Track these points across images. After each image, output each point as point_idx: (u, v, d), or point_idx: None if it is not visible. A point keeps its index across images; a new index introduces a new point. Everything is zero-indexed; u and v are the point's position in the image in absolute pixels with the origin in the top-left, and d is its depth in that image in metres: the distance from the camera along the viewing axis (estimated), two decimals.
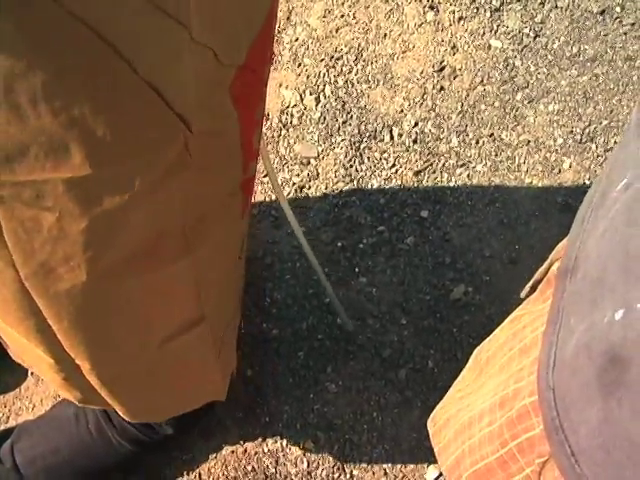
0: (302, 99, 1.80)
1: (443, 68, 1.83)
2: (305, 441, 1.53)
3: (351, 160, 1.74)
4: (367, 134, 1.76)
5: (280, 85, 1.82)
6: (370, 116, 1.78)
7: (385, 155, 1.74)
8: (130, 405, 1.17)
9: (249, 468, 1.52)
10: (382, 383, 1.56)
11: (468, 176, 1.73)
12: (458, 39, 1.87)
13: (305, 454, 1.52)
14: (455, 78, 1.83)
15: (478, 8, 1.90)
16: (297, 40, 1.87)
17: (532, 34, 1.87)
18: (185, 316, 0.99)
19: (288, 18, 1.90)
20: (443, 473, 0.84)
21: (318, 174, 1.73)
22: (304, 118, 1.79)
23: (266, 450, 1.53)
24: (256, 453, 1.53)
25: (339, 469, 1.51)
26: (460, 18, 1.89)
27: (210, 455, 1.53)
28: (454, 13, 1.89)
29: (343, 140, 1.76)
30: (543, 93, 1.81)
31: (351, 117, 1.78)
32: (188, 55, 0.61)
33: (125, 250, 0.75)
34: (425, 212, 1.69)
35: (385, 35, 1.87)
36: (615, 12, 1.89)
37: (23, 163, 0.60)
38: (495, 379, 0.77)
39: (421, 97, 1.81)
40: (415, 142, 1.76)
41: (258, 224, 1.68)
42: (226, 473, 1.51)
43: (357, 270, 1.64)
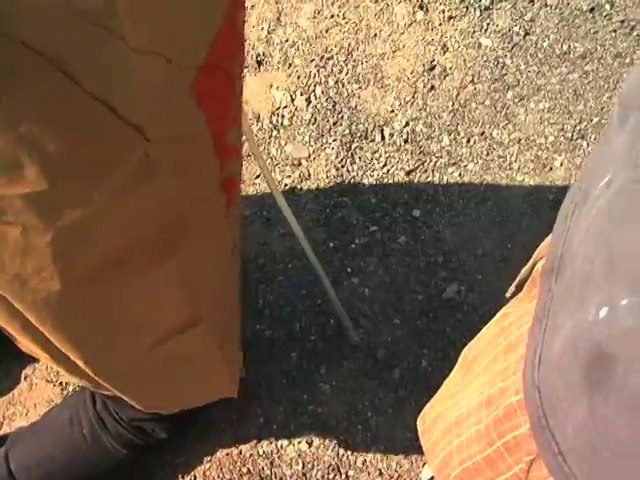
0: (293, 100, 1.80)
1: (433, 67, 1.83)
2: (300, 442, 1.53)
3: (342, 160, 1.74)
4: (358, 134, 1.76)
5: (271, 86, 1.82)
6: (361, 116, 1.78)
7: (376, 155, 1.74)
8: (135, 396, 1.17)
9: (244, 470, 1.51)
10: (376, 383, 1.56)
11: (460, 175, 1.73)
12: (448, 38, 1.87)
13: (300, 455, 1.52)
14: (445, 77, 1.83)
15: (468, 7, 1.90)
16: (287, 41, 1.87)
17: (522, 32, 1.87)
18: (177, 319, 0.98)
19: (278, 19, 1.90)
20: (432, 472, 0.84)
21: (309, 175, 1.73)
22: (295, 119, 1.78)
23: (261, 452, 1.53)
24: (251, 455, 1.53)
25: (334, 470, 1.51)
26: (450, 17, 1.89)
27: (205, 458, 1.52)
28: (444, 12, 1.89)
29: (334, 140, 1.76)
30: (534, 91, 1.81)
31: (342, 117, 1.78)
32: (133, 65, 0.61)
33: (99, 258, 0.75)
34: (417, 211, 1.69)
35: (375, 35, 1.87)
36: (605, 10, 1.89)
37: None
38: (481, 377, 0.77)
39: (412, 96, 1.81)
40: (406, 142, 1.76)
41: (250, 225, 1.68)
42: (221, 475, 1.51)
43: (349, 270, 1.64)
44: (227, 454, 1.53)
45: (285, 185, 1.72)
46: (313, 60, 1.84)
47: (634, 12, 1.89)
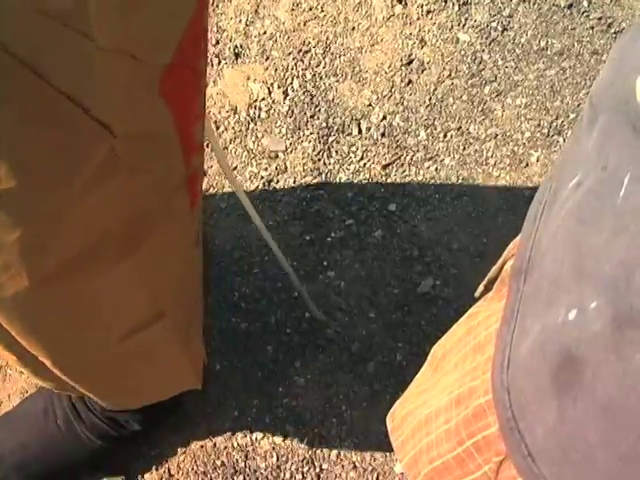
0: (270, 92, 1.80)
1: (411, 61, 1.84)
2: (274, 435, 1.54)
3: (319, 154, 1.74)
4: (335, 127, 1.76)
5: (248, 78, 1.82)
6: (338, 109, 1.78)
7: (353, 149, 1.74)
8: (102, 394, 1.17)
9: (218, 463, 1.52)
10: (351, 377, 1.57)
11: (436, 169, 1.73)
12: (426, 33, 1.87)
13: (274, 448, 1.53)
14: (423, 72, 1.83)
15: (446, 2, 1.90)
16: (265, 33, 1.87)
17: (500, 28, 1.88)
18: (141, 314, 0.98)
19: (256, 11, 1.89)
20: (402, 469, 0.84)
21: (286, 168, 1.73)
22: (272, 112, 1.78)
23: (235, 444, 1.53)
24: (225, 448, 1.53)
25: (308, 463, 1.51)
26: (428, 12, 1.89)
27: (179, 450, 1.52)
28: (422, 7, 1.89)
29: (311, 134, 1.76)
30: (511, 87, 1.82)
31: (319, 110, 1.78)
32: (100, 63, 0.61)
33: (66, 254, 0.75)
34: (393, 205, 1.69)
35: (353, 28, 1.87)
36: (582, 6, 1.90)
37: None
38: (450, 376, 0.77)
39: (389, 90, 1.81)
40: (383, 135, 1.76)
41: (226, 218, 1.68)
42: (195, 468, 1.51)
43: (325, 264, 1.64)
44: (201, 446, 1.53)
45: (261, 178, 1.72)
46: (291, 53, 1.84)
47: (611, 9, 1.90)
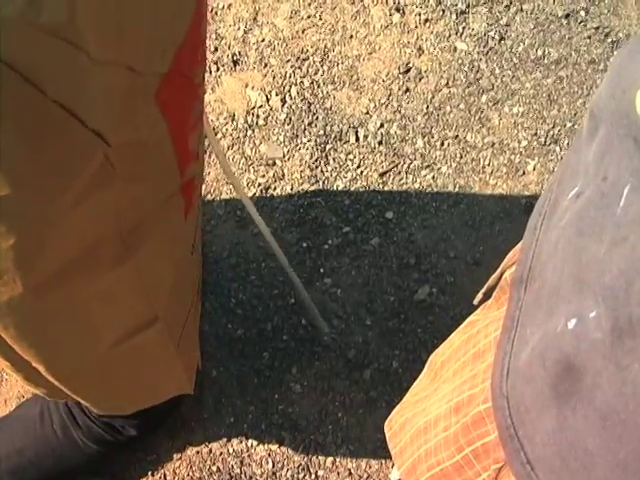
0: (268, 100, 1.80)
1: (409, 70, 1.84)
2: (270, 441, 1.54)
3: (316, 161, 1.74)
4: (333, 135, 1.77)
5: (246, 86, 1.82)
6: (336, 117, 1.79)
7: (350, 156, 1.75)
8: (94, 399, 1.17)
9: (214, 469, 1.52)
10: (347, 383, 1.57)
11: (433, 178, 1.74)
12: (424, 41, 1.87)
13: (270, 454, 1.53)
14: (420, 80, 1.83)
15: (444, 10, 1.91)
16: (263, 41, 1.87)
17: (497, 37, 1.89)
18: (135, 319, 0.99)
19: (255, 19, 1.90)
20: (400, 476, 0.85)
21: (283, 175, 1.73)
22: (270, 119, 1.79)
23: (231, 450, 1.53)
24: (221, 454, 1.53)
25: (304, 469, 1.51)
26: (426, 20, 1.89)
27: (175, 456, 1.53)
28: (420, 15, 1.90)
29: (309, 141, 1.76)
30: (508, 95, 1.83)
31: (317, 118, 1.78)
32: (95, 75, 0.61)
33: (60, 261, 0.75)
34: (390, 213, 1.70)
35: (351, 36, 1.88)
36: (580, 16, 1.91)
37: None
38: (449, 384, 0.77)
39: (387, 99, 1.81)
40: (380, 143, 1.76)
41: (223, 225, 1.68)
42: (191, 474, 1.51)
43: (322, 271, 1.65)
44: (197, 452, 1.53)
45: (259, 185, 1.72)
46: (289, 60, 1.85)
47: (608, 19, 1.90)
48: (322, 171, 1.73)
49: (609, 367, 0.48)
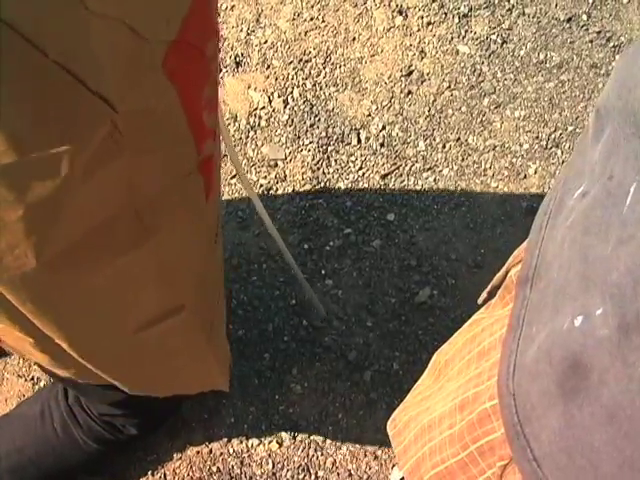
0: (270, 101, 1.81)
1: (411, 72, 1.85)
2: (270, 442, 1.54)
3: (318, 163, 1.74)
4: (334, 137, 1.77)
5: (248, 87, 1.83)
6: (338, 119, 1.79)
7: (352, 158, 1.75)
8: (124, 381, 1.16)
9: (214, 469, 1.52)
10: (347, 385, 1.57)
11: (434, 180, 1.74)
12: (426, 44, 1.88)
13: (270, 455, 1.53)
14: (423, 83, 1.84)
15: (446, 14, 1.91)
16: (266, 42, 1.88)
17: (499, 40, 1.89)
18: (157, 306, 0.97)
19: (257, 20, 1.90)
20: (404, 475, 0.85)
21: (285, 176, 1.74)
22: (272, 120, 1.79)
23: (231, 451, 1.53)
24: (221, 454, 1.53)
25: (304, 470, 1.52)
26: (428, 23, 1.90)
27: (175, 455, 1.53)
28: (422, 18, 1.90)
29: (311, 143, 1.76)
30: (510, 99, 1.83)
31: (319, 120, 1.79)
32: (95, 31, 0.60)
33: (72, 237, 0.74)
34: (391, 215, 1.70)
35: (354, 39, 1.88)
36: (582, 20, 1.91)
37: None
38: (454, 382, 0.77)
39: (389, 101, 1.82)
40: (382, 145, 1.77)
41: (225, 225, 1.68)
42: (191, 474, 1.51)
43: (323, 272, 1.65)
44: (197, 452, 1.53)
45: (261, 186, 1.73)
46: (291, 62, 1.85)
47: (610, 23, 1.91)
48: (324, 173, 1.74)
49: (616, 364, 0.48)
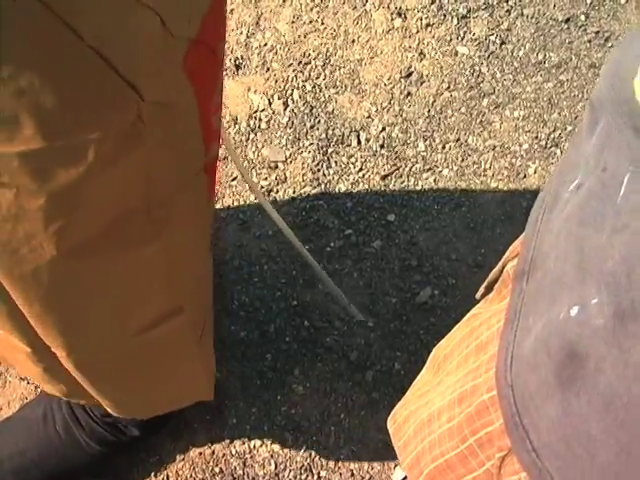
0: (270, 103, 1.81)
1: (410, 74, 1.85)
2: (272, 443, 1.54)
3: (319, 164, 1.75)
4: (335, 139, 1.78)
5: (248, 89, 1.83)
6: (338, 121, 1.80)
7: (352, 159, 1.76)
8: (113, 398, 1.16)
9: (217, 470, 1.52)
10: (349, 385, 1.57)
11: (434, 180, 1.75)
12: (425, 45, 1.88)
13: (272, 456, 1.53)
14: (422, 84, 1.84)
15: (445, 15, 1.92)
16: (266, 45, 1.88)
17: (498, 41, 1.89)
18: (160, 305, 0.98)
19: (257, 23, 1.91)
20: (404, 470, 0.85)
21: (286, 178, 1.74)
22: (272, 122, 1.80)
23: (234, 452, 1.54)
24: (224, 455, 1.53)
25: (306, 470, 1.52)
26: (427, 25, 1.90)
27: (178, 457, 1.53)
28: (421, 20, 1.91)
29: (311, 144, 1.77)
30: (509, 99, 1.84)
31: (319, 122, 1.79)
32: (134, 20, 0.61)
33: (89, 229, 0.74)
34: (392, 216, 1.70)
35: (353, 41, 1.89)
36: (580, 20, 1.92)
37: None
38: (452, 376, 0.78)
39: (388, 102, 1.82)
40: (382, 147, 1.77)
41: (226, 227, 1.69)
42: (194, 475, 1.52)
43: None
44: (200, 454, 1.53)
45: (261, 188, 1.73)
46: (291, 65, 1.86)
47: (609, 23, 1.91)
48: (324, 174, 1.74)
49: (612, 352, 0.48)
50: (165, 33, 0.66)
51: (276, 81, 1.84)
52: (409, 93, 1.83)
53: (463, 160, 1.77)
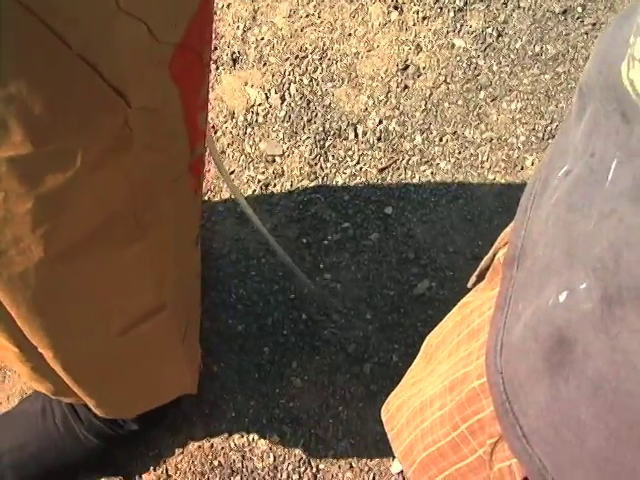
0: (267, 97, 1.81)
1: (407, 67, 1.85)
2: (271, 436, 1.54)
3: (316, 158, 1.75)
4: (332, 132, 1.78)
5: (245, 84, 1.84)
6: (335, 114, 1.80)
7: (349, 153, 1.76)
8: (99, 398, 1.17)
9: (216, 463, 1.52)
10: (347, 377, 1.58)
11: (432, 173, 1.75)
12: (422, 38, 1.88)
13: (271, 448, 1.53)
14: (419, 77, 1.84)
15: (442, 8, 1.92)
16: (262, 39, 1.88)
17: (495, 33, 1.89)
18: (144, 304, 0.99)
19: (254, 17, 1.91)
20: (397, 458, 0.85)
21: (283, 172, 1.74)
22: (269, 116, 1.80)
23: (232, 445, 1.54)
24: (222, 448, 1.54)
25: (305, 463, 1.52)
26: (424, 18, 1.90)
27: (177, 450, 1.53)
28: (418, 13, 1.91)
29: (308, 138, 1.77)
30: (506, 91, 1.84)
31: (316, 115, 1.79)
32: (119, 28, 0.61)
33: (76, 232, 0.76)
34: (389, 209, 1.71)
35: (350, 34, 1.89)
36: (576, 12, 1.92)
37: None
38: (444, 364, 0.78)
39: (385, 95, 1.82)
40: (379, 140, 1.77)
41: (223, 221, 1.69)
42: (192, 468, 1.52)
43: (322, 266, 1.66)
44: (199, 447, 1.54)
45: (259, 182, 1.73)
46: (288, 59, 1.86)
47: (605, 15, 1.91)
48: (321, 167, 1.74)
49: (600, 336, 0.49)
50: (151, 39, 0.66)
51: (273, 75, 1.84)
52: (406, 86, 1.83)
53: (460, 152, 1.77)
